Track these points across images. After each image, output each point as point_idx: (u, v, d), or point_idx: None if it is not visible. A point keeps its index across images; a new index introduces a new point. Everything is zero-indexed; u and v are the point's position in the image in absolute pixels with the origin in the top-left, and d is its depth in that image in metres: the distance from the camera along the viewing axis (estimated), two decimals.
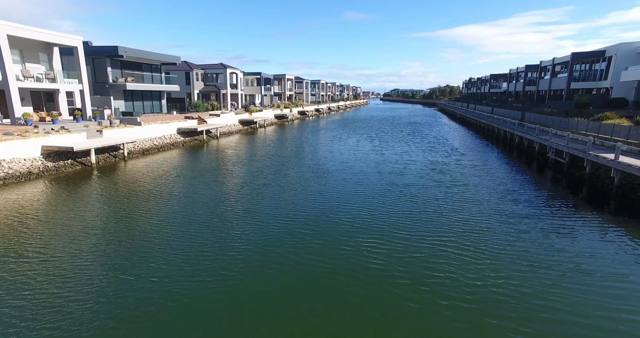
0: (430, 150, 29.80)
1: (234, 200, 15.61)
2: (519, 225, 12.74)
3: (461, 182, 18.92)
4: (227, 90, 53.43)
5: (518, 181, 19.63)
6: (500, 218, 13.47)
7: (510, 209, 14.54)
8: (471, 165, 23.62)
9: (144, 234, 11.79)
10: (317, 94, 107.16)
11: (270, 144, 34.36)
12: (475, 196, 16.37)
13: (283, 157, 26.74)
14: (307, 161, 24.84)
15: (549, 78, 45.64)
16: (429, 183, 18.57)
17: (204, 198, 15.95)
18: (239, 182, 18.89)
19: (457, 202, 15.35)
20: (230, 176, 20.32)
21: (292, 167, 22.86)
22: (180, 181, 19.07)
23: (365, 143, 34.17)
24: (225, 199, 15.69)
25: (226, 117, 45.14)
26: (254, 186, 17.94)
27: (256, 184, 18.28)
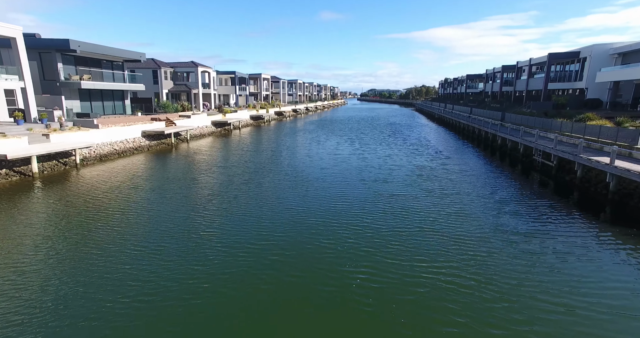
0: (414, 153, 28.54)
1: (198, 218, 13.47)
2: (514, 235, 11.39)
3: (451, 190, 17.55)
4: (198, 90, 50.48)
5: (508, 187, 18.49)
6: (498, 232, 12.07)
7: (507, 221, 13.20)
8: (458, 170, 22.42)
9: (88, 260, 9.51)
10: (294, 94, 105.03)
11: (244, 148, 32.12)
12: (469, 206, 14.98)
13: (258, 163, 24.66)
14: (284, 168, 22.89)
15: (526, 79, 45.79)
16: (418, 192, 17.07)
17: (163, 214, 13.72)
18: (205, 194, 16.70)
19: (451, 215, 13.88)
20: (196, 187, 18.07)
21: (267, 174, 20.84)
22: (137, 193, 16.66)
23: (345, 146, 32.55)
24: (188, 217, 13.53)
25: (197, 119, 42.40)
26: (222, 199, 15.82)
27: (225, 197, 16.17)
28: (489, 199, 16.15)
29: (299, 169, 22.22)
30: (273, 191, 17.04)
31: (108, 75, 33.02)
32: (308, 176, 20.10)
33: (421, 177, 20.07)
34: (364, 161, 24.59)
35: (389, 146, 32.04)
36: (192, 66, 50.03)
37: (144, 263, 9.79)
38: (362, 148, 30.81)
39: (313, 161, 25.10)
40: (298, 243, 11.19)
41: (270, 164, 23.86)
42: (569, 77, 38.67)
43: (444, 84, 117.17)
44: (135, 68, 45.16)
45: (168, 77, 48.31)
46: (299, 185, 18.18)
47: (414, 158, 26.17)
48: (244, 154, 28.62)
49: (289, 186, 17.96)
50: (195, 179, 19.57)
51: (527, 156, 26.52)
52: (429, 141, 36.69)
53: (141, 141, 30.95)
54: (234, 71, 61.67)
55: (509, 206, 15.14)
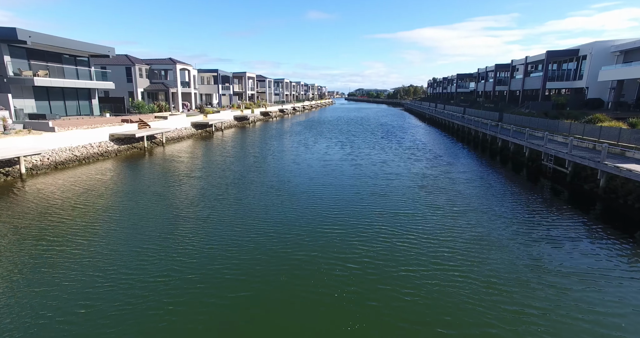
0: (411, 158, 26.09)
1: (162, 242, 10.58)
2: (545, 262, 8.94)
3: (461, 205, 15.08)
4: (177, 89, 47.06)
5: (520, 197, 16.16)
6: (529, 260, 9.60)
7: (538, 248, 10.76)
8: (464, 179, 20.01)
9: (29, 292, 6.57)
10: (281, 93, 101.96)
11: (225, 153, 29.13)
12: (486, 227, 12.51)
13: (238, 171, 21.78)
14: (268, 178, 20.09)
15: (522, 77, 44.08)
16: (424, 209, 14.51)
17: (119, 239, 10.77)
18: (173, 213, 13.77)
19: (468, 242, 11.36)
20: (164, 202, 15.11)
21: (249, 186, 18.01)
22: (90, 208, 13.61)
23: (335, 150, 29.90)
24: (149, 244, 10.61)
25: (175, 120, 39.14)
26: (194, 218, 12.95)
27: (198, 216, 13.29)
28: (506, 216, 13.74)
29: (284, 180, 19.44)
30: (252, 210, 14.23)
31: (70, 71, 29.54)
32: (295, 190, 17.33)
33: (424, 189, 17.56)
34: (358, 169, 21.98)
35: (384, 150, 29.55)
36: (170, 63, 46.58)
37: (103, 304, 6.88)
38: (354, 153, 28.22)
39: (301, 169, 22.36)
40: (278, 287, 8.45)
41: (252, 173, 21.01)
42: (568, 76, 37.02)
43: (433, 83, 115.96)
44: (107, 65, 41.58)
45: (144, 75, 44.78)
46: (284, 202, 15.41)
47: (413, 164, 23.72)
48: (223, 160, 25.67)
49: (272, 203, 15.18)
50: (161, 194, 16.57)
51: (533, 161, 24.46)
52: (424, 144, 34.40)
53: (108, 145, 27.66)
54: (216, 69, 58.32)
55: (527, 222, 12.76)
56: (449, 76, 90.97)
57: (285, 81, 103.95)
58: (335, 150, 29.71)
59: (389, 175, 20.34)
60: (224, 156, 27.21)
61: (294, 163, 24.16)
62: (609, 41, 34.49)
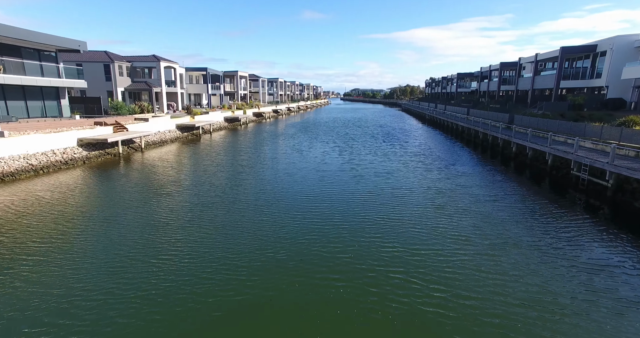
0: (419, 168, 22.94)
1: (127, 278, 7.30)
2: None
3: (493, 235, 11.95)
4: (161, 88, 43.62)
5: (555, 215, 13.04)
6: None
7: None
8: (487, 196, 16.88)
9: None
10: (275, 93, 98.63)
11: (210, 160, 25.84)
12: (534, 265, 9.37)
13: (220, 186, 18.51)
14: (254, 196, 16.84)
15: (531, 76, 41.21)
16: (448, 242, 11.34)
17: (74, 272, 7.47)
18: (138, 241, 10.49)
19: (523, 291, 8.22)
20: (129, 226, 11.81)
21: (228, 208, 14.77)
22: (37, 232, 10.28)
23: (333, 157, 26.70)
24: (110, 278, 7.32)
25: (158, 122, 35.74)
26: (165, 248, 9.69)
27: (170, 246, 10.02)
28: (550, 248, 10.62)
29: (273, 198, 16.19)
30: (231, 244, 11.00)
31: (33, 67, 26.11)
32: (286, 214, 14.08)
33: (443, 211, 14.39)
34: (360, 183, 18.77)
35: (387, 157, 26.39)
36: (154, 61, 43.13)
37: None
38: (355, 161, 25.04)
39: (294, 182, 19.12)
40: None
41: (235, 190, 17.75)
42: (584, 74, 34.16)
43: (431, 83, 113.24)
44: (82, 61, 38.12)
45: (124, 73, 41.31)
46: (271, 235, 12.18)
47: (423, 176, 20.57)
48: (205, 170, 22.39)
49: (256, 236, 11.96)
50: (128, 209, 13.25)
51: (557, 169, 21.51)
52: (430, 149, 31.33)
53: (75, 152, 24.28)
54: (205, 68, 54.93)
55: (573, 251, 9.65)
56: (448, 76, 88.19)
57: (279, 81, 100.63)
58: (332, 157, 26.50)
59: (397, 191, 17.18)
60: (207, 165, 23.92)
61: (286, 174, 20.91)
62: (632, 35, 31.62)
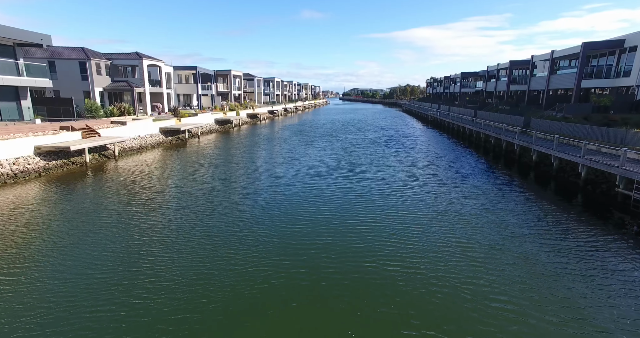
0: (432, 183, 19.60)
1: None
2: None
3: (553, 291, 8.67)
4: (144, 88, 40.22)
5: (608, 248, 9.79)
6: None
7: None
8: (515, 221, 13.61)
9: None
10: (271, 93, 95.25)
11: (188, 171, 22.50)
12: None
13: (193, 211, 15.18)
14: (230, 230, 13.54)
15: (547, 75, 37.99)
16: (480, 294, 8.07)
17: None
18: (90, 281, 7.15)
19: None
20: (81, 260, 8.47)
21: (210, 236, 11.44)
22: None
23: (330, 168, 23.40)
24: None
25: (138, 126, 32.36)
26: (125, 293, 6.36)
27: (135, 289, 6.71)
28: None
29: (254, 236, 12.88)
30: (203, 281, 7.67)
31: None
32: (266, 256, 10.79)
33: (472, 250, 11.11)
34: (362, 205, 15.43)
35: (392, 169, 23.07)
36: (136, 58, 39.69)
37: None
38: (355, 174, 21.74)
39: (284, 203, 15.80)
40: None
41: (210, 216, 14.42)
42: (609, 73, 30.97)
43: (433, 83, 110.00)
44: (56, 59, 34.74)
45: (103, 72, 37.88)
46: (245, 287, 8.87)
47: (437, 194, 17.25)
48: (178, 185, 19.03)
49: (226, 284, 8.64)
50: (66, 238, 9.88)
51: (593, 184, 18.37)
52: (438, 156, 28.07)
53: (30, 162, 20.96)
54: (194, 66, 51.52)
55: None
56: (451, 75, 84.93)
57: (276, 80, 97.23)
58: (329, 168, 23.19)
59: (410, 216, 13.89)
60: (182, 178, 20.57)
61: (272, 191, 17.57)
62: None
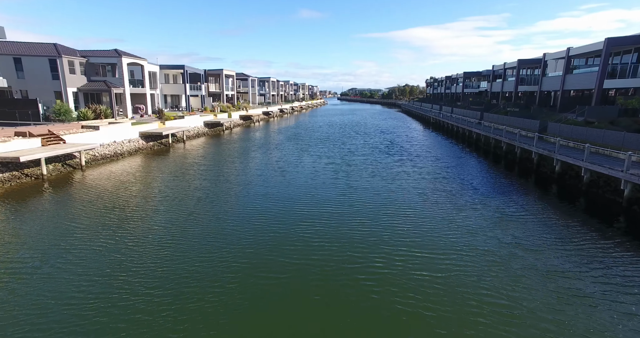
0: (448, 203, 16.44)
1: None
2: None
3: None
4: (124, 88, 36.90)
5: None
6: None
7: None
8: (575, 265, 10.49)
9: None
10: (267, 94, 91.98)
11: (167, 182, 19.23)
12: None
13: (167, 230, 11.95)
14: (195, 253, 10.33)
15: (562, 75, 35.02)
16: None
17: None
18: None
19: None
20: None
21: (180, 276, 8.24)
22: None
23: (326, 182, 20.23)
24: None
25: (115, 130, 29.06)
26: None
27: None
28: None
29: (224, 263, 9.68)
30: None
31: None
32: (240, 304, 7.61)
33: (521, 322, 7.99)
34: (362, 236, 12.31)
35: (397, 183, 19.91)
36: (115, 56, 36.36)
37: None
38: (355, 189, 18.58)
39: (262, 234, 12.62)
40: None
41: (170, 255, 11.20)
42: (635, 72, 27.98)
43: (433, 83, 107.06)
44: (22, 55, 31.40)
45: (77, 71, 34.54)
46: None
47: (459, 220, 14.12)
48: (149, 201, 15.78)
49: None
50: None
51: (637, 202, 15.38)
52: (448, 168, 24.95)
53: None
54: (182, 65, 48.23)
55: None
56: (453, 75, 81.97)
57: (271, 80, 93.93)
58: (324, 182, 20.00)
59: (424, 256, 10.75)
60: (150, 194, 17.31)
61: (255, 213, 14.38)
62: None
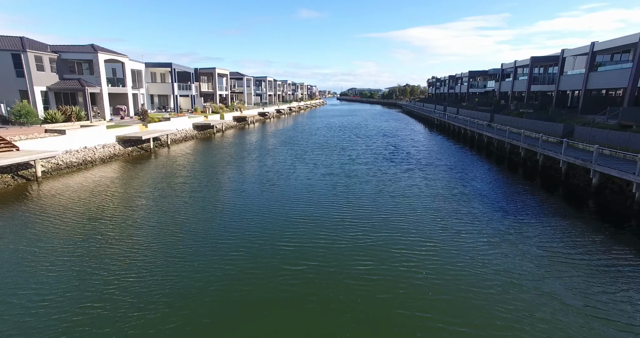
0: (475, 232, 13.13)
1: None
2: None
3: None
4: (101, 88, 33.47)
5: None
6: None
7: None
8: None
9: None
10: (263, 94, 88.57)
11: (136, 195, 15.78)
12: None
13: (126, 255, 8.53)
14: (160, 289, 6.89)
15: (584, 73, 31.75)
16: None
17: None
18: None
19: None
20: None
21: None
22: None
23: (322, 200, 16.88)
24: None
25: (84, 135, 25.64)
26: None
27: None
28: None
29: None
30: None
31: None
32: None
33: None
34: (376, 290, 8.97)
35: (412, 206, 16.55)
36: (90, 52, 32.91)
37: None
38: (358, 214, 15.23)
39: (242, 271, 9.26)
40: None
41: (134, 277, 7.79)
42: None
43: (435, 82, 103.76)
44: None
45: (47, 68, 31.11)
46: None
47: (497, 260, 10.79)
48: (108, 220, 12.34)
49: None
50: None
51: None
52: (468, 183, 21.64)
53: None
54: (169, 63, 44.79)
55: None
56: (456, 74, 78.71)
57: (268, 79, 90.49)
58: (319, 201, 16.65)
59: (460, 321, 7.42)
60: (117, 208, 13.89)
61: (232, 240, 11.01)
62: None
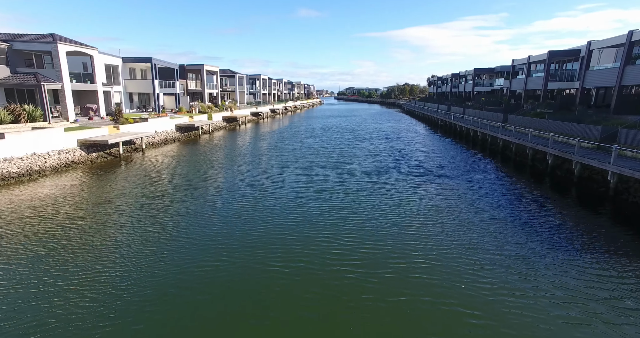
0: (514, 276, 9.01)
1: None
2: None
3: None
4: (62, 84, 29.15)
5: None
6: None
7: None
8: None
9: None
10: (257, 92, 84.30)
11: (71, 217, 11.48)
12: None
13: None
14: None
15: (618, 67, 27.70)
16: None
17: None
18: None
19: None
20: None
21: None
22: None
23: (313, 229, 12.74)
24: None
25: (31, 140, 21.33)
26: None
27: None
28: None
29: None
30: None
31: None
32: None
33: None
34: None
35: (428, 235, 12.43)
36: (49, 42, 28.54)
37: None
38: (361, 249, 11.10)
39: None
40: None
41: None
42: None
43: (436, 81, 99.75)
44: None
45: None
46: None
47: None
48: (29, 252, 8.06)
49: None
50: None
51: None
52: (490, 197, 17.55)
53: None
54: (149, 58, 40.44)
55: None
56: (460, 72, 74.74)
57: (262, 77, 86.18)
58: (310, 231, 12.51)
59: None
60: (52, 237, 9.66)
61: (195, 282, 6.89)
62: None
